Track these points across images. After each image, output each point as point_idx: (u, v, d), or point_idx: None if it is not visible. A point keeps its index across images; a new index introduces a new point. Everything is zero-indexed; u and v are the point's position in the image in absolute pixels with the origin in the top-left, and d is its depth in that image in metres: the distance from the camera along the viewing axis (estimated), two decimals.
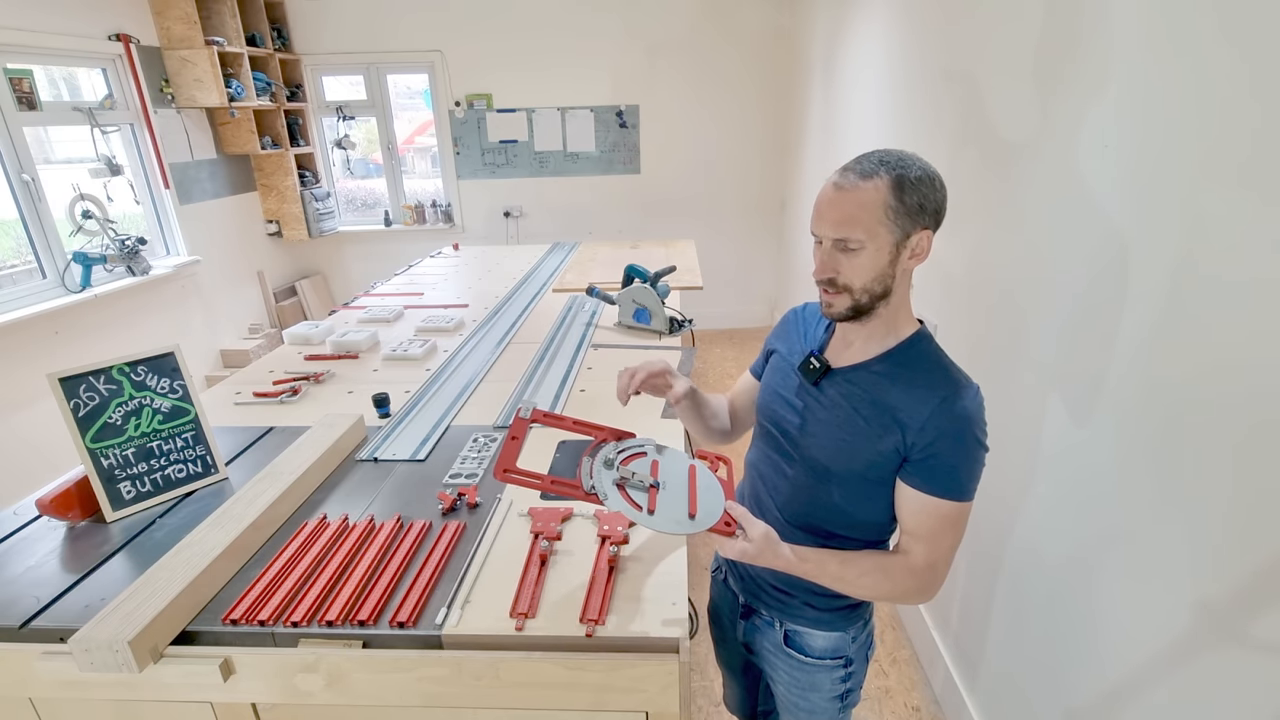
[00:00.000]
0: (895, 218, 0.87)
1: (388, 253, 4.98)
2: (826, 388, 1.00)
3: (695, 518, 0.91)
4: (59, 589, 1.05)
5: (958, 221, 1.80)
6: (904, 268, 0.91)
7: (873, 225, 0.87)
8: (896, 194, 0.86)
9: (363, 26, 4.49)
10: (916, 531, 0.94)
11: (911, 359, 0.95)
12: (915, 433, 0.91)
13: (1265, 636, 0.89)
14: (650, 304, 2.22)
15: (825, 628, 1.10)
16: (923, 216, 0.88)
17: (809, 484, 1.03)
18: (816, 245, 0.93)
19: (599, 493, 0.91)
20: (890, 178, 0.86)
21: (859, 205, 0.87)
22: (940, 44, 1.93)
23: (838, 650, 1.11)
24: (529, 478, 0.93)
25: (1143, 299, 1.09)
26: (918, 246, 0.90)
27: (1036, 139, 1.41)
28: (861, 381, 0.97)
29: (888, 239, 0.88)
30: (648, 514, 0.90)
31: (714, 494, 0.96)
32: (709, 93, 4.64)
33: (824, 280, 0.92)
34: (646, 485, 0.94)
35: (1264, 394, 0.88)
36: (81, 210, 3.23)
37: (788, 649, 1.13)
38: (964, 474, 0.91)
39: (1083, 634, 1.27)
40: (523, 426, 1.01)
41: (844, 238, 0.88)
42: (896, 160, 0.88)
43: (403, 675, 0.94)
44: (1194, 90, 0.98)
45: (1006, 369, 1.54)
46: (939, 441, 0.90)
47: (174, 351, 1.33)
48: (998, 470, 1.58)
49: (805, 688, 1.14)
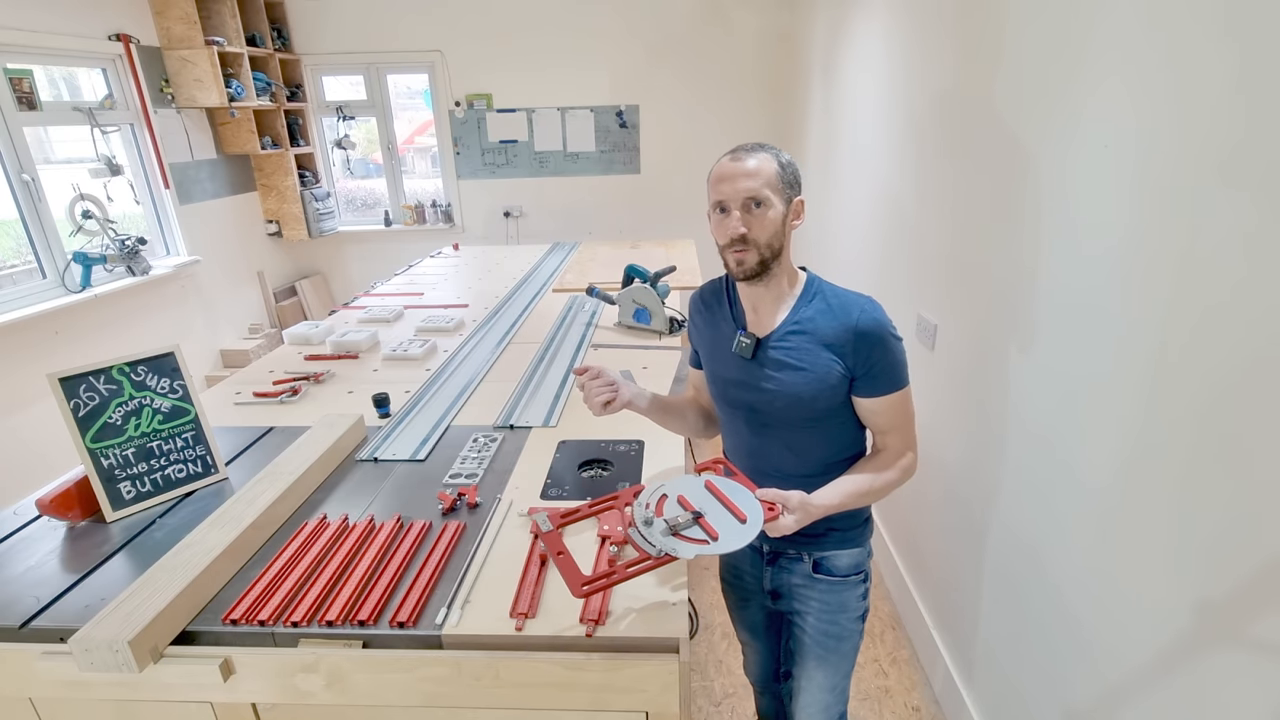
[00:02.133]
0: (783, 186, 1.08)
1: (388, 253, 4.98)
2: (763, 357, 1.15)
3: (748, 521, 0.96)
4: (59, 589, 1.05)
5: (958, 221, 1.80)
6: (789, 228, 1.11)
7: (774, 185, 1.06)
8: (780, 168, 1.07)
9: (363, 26, 4.49)
10: (885, 427, 1.14)
11: (815, 299, 1.14)
12: (851, 355, 1.08)
13: (1265, 636, 0.89)
14: (650, 304, 2.22)
15: (850, 545, 1.23)
16: (797, 187, 1.10)
17: (792, 439, 1.17)
18: (722, 215, 1.08)
19: (669, 550, 0.92)
20: (772, 153, 1.08)
21: (760, 170, 1.06)
22: (940, 45, 1.93)
23: (859, 565, 1.24)
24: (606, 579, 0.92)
25: (1143, 299, 1.09)
26: (797, 210, 1.11)
27: (1036, 139, 1.41)
28: (790, 339, 1.13)
29: (779, 204, 1.07)
30: (715, 543, 0.94)
31: (742, 493, 1.01)
32: (709, 93, 4.64)
33: (737, 238, 1.07)
34: (693, 520, 0.97)
35: (1264, 393, 0.88)
36: (81, 210, 3.23)
37: (817, 575, 1.24)
38: (900, 367, 1.11)
39: (1082, 634, 1.27)
40: (557, 539, 1.00)
41: (754, 195, 1.05)
42: (769, 146, 1.10)
43: (403, 675, 0.94)
44: (1194, 89, 0.98)
45: (1006, 369, 1.54)
46: (873, 353, 1.08)
47: (174, 351, 1.33)
48: (997, 470, 1.59)
49: (836, 610, 1.25)
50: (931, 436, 1.96)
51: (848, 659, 1.29)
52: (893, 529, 2.42)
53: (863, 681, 2.00)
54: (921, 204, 2.06)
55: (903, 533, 2.31)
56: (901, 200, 2.24)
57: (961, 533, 1.80)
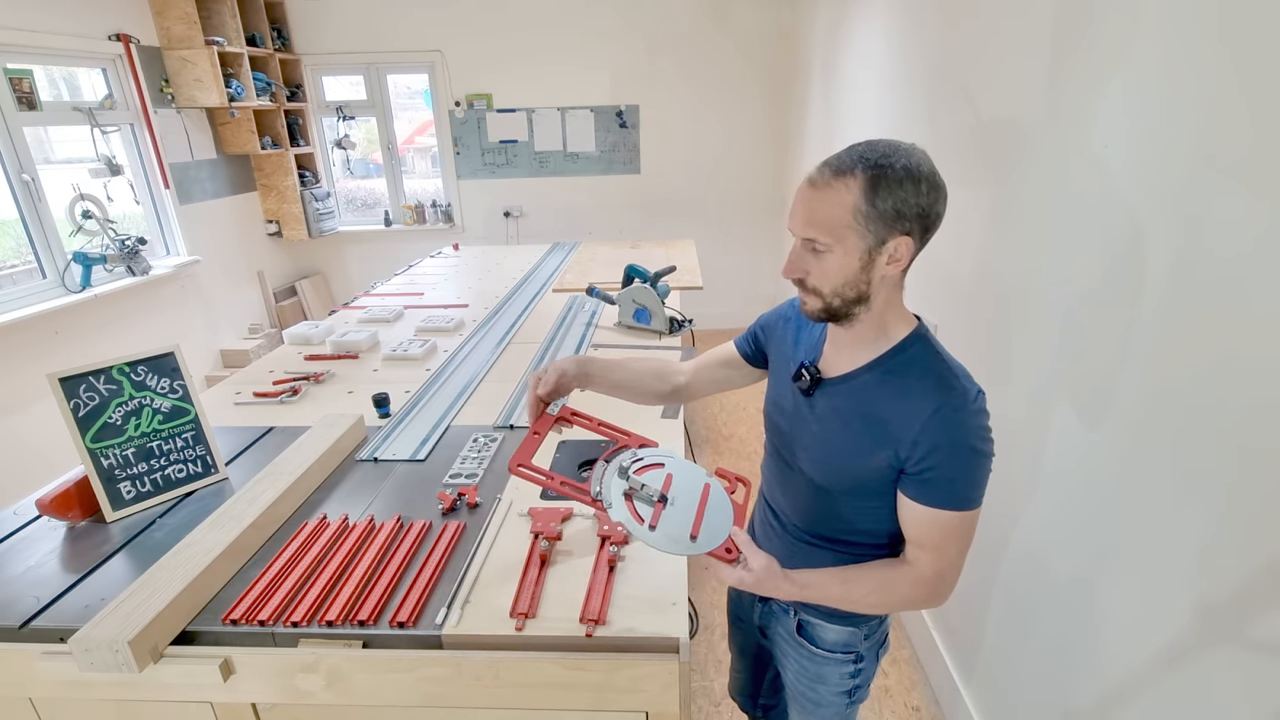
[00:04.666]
0: (866, 222, 0.79)
1: (388, 253, 4.98)
2: (818, 399, 0.96)
3: (696, 539, 0.88)
4: (59, 589, 1.05)
5: (959, 222, 1.80)
6: (881, 274, 0.84)
7: (839, 229, 0.80)
8: (869, 196, 0.79)
9: (363, 26, 4.49)
10: (920, 541, 0.90)
11: (903, 364, 0.89)
12: (909, 446, 0.85)
13: (1265, 636, 0.89)
14: (650, 304, 2.22)
15: (838, 621, 1.09)
16: (901, 222, 0.80)
17: (810, 495, 1.02)
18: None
19: (604, 500, 0.89)
20: (865, 177, 0.79)
21: (827, 206, 0.81)
22: (940, 43, 1.93)
23: (849, 645, 1.10)
24: (540, 475, 0.91)
25: (1144, 299, 1.09)
26: (896, 253, 0.82)
27: (1037, 139, 1.41)
28: (851, 393, 0.92)
29: (857, 244, 0.81)
30: (648, 529, 0.87)
31: (723, 515, 0.92)
32: (709, 92, 4.64)
33: (794, 280, 0.88)
34: (654, 499, 0.90)
35: (1264, 394, 0.88)
36: (81, 210, 3.23)
37: (800, 638, 1.13)
38: (964, 484, 0.85)
39: (1082, 634, 1.27)
40: (548, 423, 0.99)
41: (811, 238, 0.83)
42: (881, 155, 0.79)
43: (403, 675, 0.94)
44: (1197, 88, 0.98)
45: (1007, 369, 1.54)
46: (933, 455, 0.84)
47: (174, 351, 1.33)
48: (997, 472, 1.58)
49: (814, 679, 1.14)
50: None
51: None
52: None
53: None
54: None
55: None
56: None
57: None
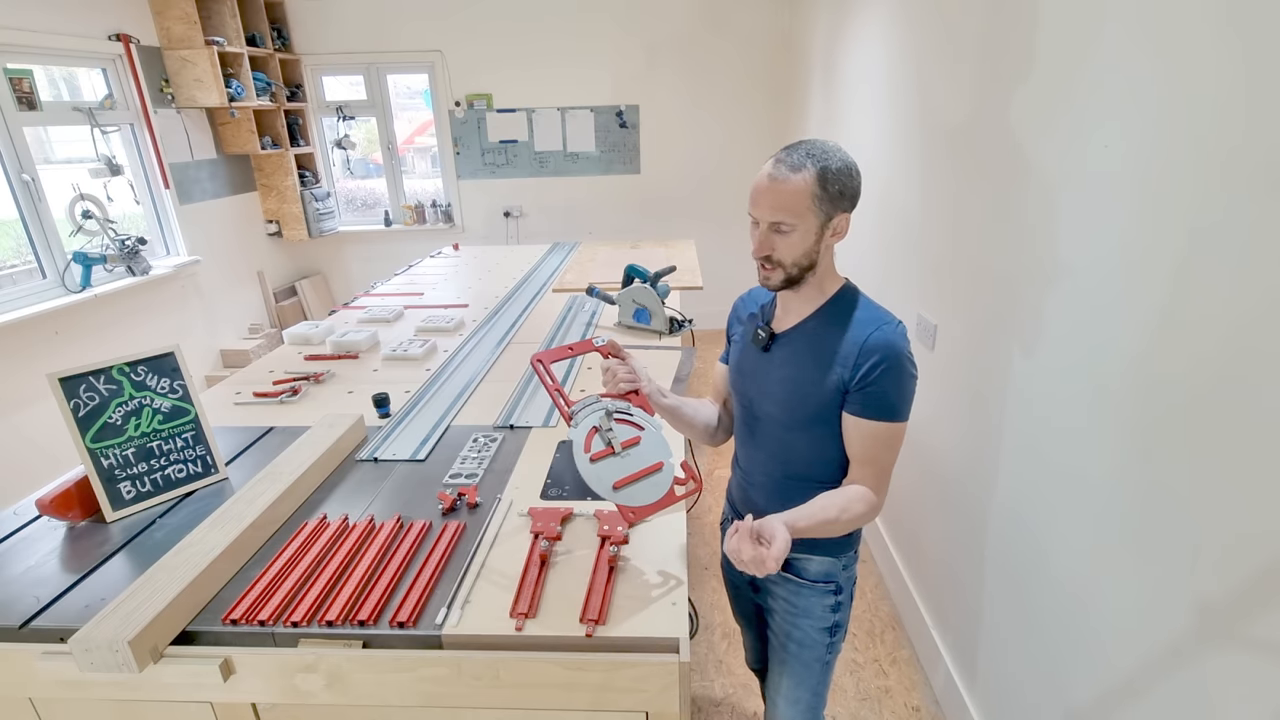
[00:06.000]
0: (820, 204, 1.01)
1: (388, 253, 4.98)
2: (775, 351, 1.15)
3: (617, 490, 1.05)
4: (59, 589, 1.05)
5: (959, 222, 1.80)
6: (826, 244, 1.06)
7: (802, 211, 1.01)
8: (821, 184, 1.00)
9: (363, 26, 4.49)
10: (862, 457, 1.08)
11: (841, 308, 1.11)
12: (853, 366, 1.05)
13: (1265, 636, 0.89)
14: (650, 304, 2.22)
15: (819, 552, 1.20)
16: (842, 202, 1.03)
17: (775, 440, 1.17)
18: (753, 226, 1.06)
19: (575, 420, 1.07)
20: (816, 170, 1.00)
21: (790, 194, 1.00)
22: (939, 45, 1.93)
23: (829, 574, 1.22)
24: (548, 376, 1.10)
25: (1143, 299, 1.09)
26: (838, 227, 1.05)
27: (1037, 139, 1.41)
28: (802, 337, 1.12)
29: (814, 222, 1.02)
30: (588, 459, 1.04)
31: (652, 489, 1.08)
32: (709, 93, 4.64)
33: (761, 257, 1.06)
34: (607, 443, 1.07)
35: (1264, 393, 0.88)
36: (81, 210, 3.23)
37: (785, 572, 1.23)
38: (895, 398, 1.04)
39: (1083, 634, 1.27)
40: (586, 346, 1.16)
41: (778, 221, 1.02)
42: (821, 153, 1.01)
43: (403, 675, 0.94)
44: (1195, 89, 0.98)
45: (1007, 369, 1.54)
46: (873, 371, 1.03)
47: (174, 351, 1.33)
48: (997, 471, 1.59)
49: (798, 613, 1.24)
50: (931, 436, 1.96)
51: (812, 671, 1.26)
52: (893, 528, 2.42)
53: (863, 681, 2.00)
54: (922, 204, 2.06)
55: (903, 532, 2.31)
56: (902, 200, 2.24)
57: (961, 533, 1.80)
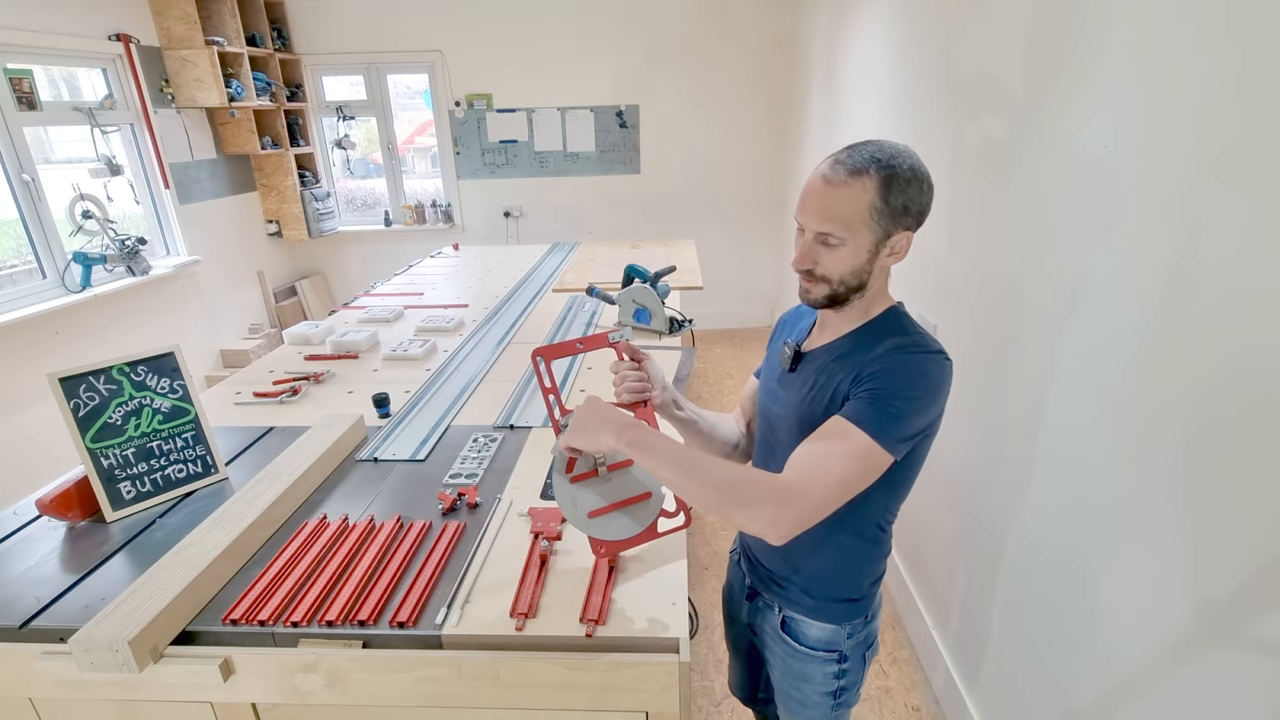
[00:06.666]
0: (878, 218, 0.87)
1: (388, 253, 4.98)
2: (800, 371, 1.02)
3: (589, 520, 0.99)
4: (59, 589, 1.05)
5: (959, 222, 1.80)
6: (881, 265, 0.92)
7: (855, 224, 0.87)
8: (883, 194, 0.86)
9: (363, 26, 4.49)
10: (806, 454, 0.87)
11: (879, 329, 0.96)
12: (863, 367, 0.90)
13: (1265, 636, 0.89)
14: (650, 304, 2.22)
15: (820, 618, 1.10)
16: (905, 218, 0.88)
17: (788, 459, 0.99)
18: (799, 233, 0.93)
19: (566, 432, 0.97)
20: (879, 176, 0.86)
21: (844, 202, 0.87)
22: (939, 45, 1.93)
23: (831, 643, 1.10)
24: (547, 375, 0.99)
25: (1143, 299, 1.09)
26: (896, 246, 0.90)
27: (1036, 140, 1.41)
28: (829, 356, 0.98)
29: (868, 238, 0.88)
30: (567, 479, 0.99)
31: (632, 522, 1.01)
32: (709, 92, 4.64)
33: (803, 270, 0.94)
34: (593, 465, 1.00)
35: (1264, 393, 0.88)
36: (81, 210, 3.23)
37: (784, 635, 1.14)
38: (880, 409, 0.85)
39: (1083, 634, 1.27)
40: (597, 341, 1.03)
41: (826, 232, 0.89)
42: (889, 157, 0.86)
43: (403, 675, 0.94)
44: (1194, 89, 0.98)
45: (1007, 368, 1.54)
46: (880, 375, 0.87)
47: (174, 351, 1.33)
48: (998, 471, 1.59)
49: (797, 677, 1.14)
50: None
51: None
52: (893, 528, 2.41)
53: None
54: None
55: (903, 532, 2.31)
56: None
57: (962, 533, 1.80)
